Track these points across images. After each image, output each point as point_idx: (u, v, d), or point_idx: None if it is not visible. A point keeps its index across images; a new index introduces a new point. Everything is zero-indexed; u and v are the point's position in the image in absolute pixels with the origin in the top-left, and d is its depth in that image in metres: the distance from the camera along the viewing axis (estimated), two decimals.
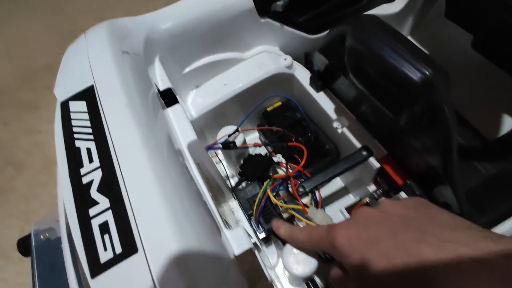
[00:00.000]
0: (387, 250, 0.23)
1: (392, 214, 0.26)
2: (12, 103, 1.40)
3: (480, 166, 0.49)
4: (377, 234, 0.25)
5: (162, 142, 0.30)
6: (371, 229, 0.25)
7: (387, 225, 0.25)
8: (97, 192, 0.24)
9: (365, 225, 0.26)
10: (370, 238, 0.25)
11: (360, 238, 0.25)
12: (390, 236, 0.24)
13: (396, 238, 0.24)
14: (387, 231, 0.25)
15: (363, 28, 0.35)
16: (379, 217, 0.27)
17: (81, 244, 0.22)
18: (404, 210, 0.26)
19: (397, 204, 0.27)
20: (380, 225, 0.26)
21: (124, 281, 0.20)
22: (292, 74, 0.53)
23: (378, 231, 0.25)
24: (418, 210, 0.26)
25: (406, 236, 0.23)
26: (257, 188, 0.45)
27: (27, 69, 1.48)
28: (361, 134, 0.46)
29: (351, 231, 0.26)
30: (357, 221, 0.27)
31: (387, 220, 0.26)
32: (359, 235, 0.26)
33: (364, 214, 0.28)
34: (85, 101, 0.29)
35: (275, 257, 0.47)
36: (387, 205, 0.28)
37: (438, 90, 0.30)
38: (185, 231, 0.23)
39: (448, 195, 0.37)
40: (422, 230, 0.23)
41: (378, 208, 0.28)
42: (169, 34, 0.44)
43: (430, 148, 0.35)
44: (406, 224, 0.25)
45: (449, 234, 0.22)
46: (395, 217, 0.26)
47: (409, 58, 0.30)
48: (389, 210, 0.27)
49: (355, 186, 0.51)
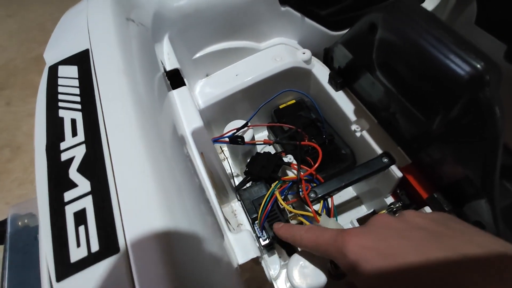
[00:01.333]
0: (411, 269, 0.19)
1: (418, 227, 0.22)
2: (20, 85, 1.39)
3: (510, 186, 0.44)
4: (399, 248, 0.20)
5: (163, 124, 0.26)
6: (391, 241, 0.21)
7: (412, 238, 0.21)
8: (77, 172, 0.19)
9: (385, 236, 0.22)
10: (390, 252, 0.20)
11: (377, 251, 0.21)
12: (417, 253, 0.19)
13: (422, 256, 0.19)
14: (412, 246, 0.20)
15: (398, 13, 0.30)
16: (403, 228, 0.22)
17: (49, 236, 0.17)
18: (432, 224, 0.22)
19: (423, 216, 0.23)
20: (403, 238, 0.21)
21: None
22: (310, 70, 0.49)
23: (401, 245, 0.20)
24: (449, 226, 0.22)
25: (437, 255, 0.19)
26: (264, 190, 0.41)
27: (38, 53, 1.48)
28: (382, 139, 0.42)
29: (366, 240, 0.22)
30: (374, 230, 0.23)
31: (412, 232, 0.21)
32: (377, 246, 0.21)
33: (383, 223, 0.23)
34: (77, 66, 0.25)
35: (277, 268, 0.42)
36: (412, 216, 0.23)
37: (489, 87, 0.25)
38: (182, 231, 0.18)
39: (483, 213, 0.32)
40: (454, 247, 0.19)
41: (401, 218, 0.23)
42: (181, 13, 0.40)
43: (468, 156, 0.30)
44: (435, 239, 0.20)
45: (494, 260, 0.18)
46: (421, 231, 0.21)
47: (456, 49, 0.26)
48: (415, 221, 0.23)
49: (370, 196, 0.47)
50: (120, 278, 0.15)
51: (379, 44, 0.34)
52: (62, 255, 0.16)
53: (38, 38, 1.54)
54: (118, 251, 0.16)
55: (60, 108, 0.23)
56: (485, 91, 0.25)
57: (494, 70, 0.25)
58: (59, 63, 0.26)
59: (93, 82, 0.23)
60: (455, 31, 0.28)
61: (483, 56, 0.25)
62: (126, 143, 0.20)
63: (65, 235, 0.17)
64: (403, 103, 0.35)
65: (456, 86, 0.27)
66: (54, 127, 0.22)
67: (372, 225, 0.23)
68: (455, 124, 0.30)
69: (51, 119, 0.22)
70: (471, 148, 0.29)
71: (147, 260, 0.15)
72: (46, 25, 1.58)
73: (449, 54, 0.26)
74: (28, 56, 1.48)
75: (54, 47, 0.28)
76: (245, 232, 0.26)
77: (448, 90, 0.28)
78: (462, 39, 0.27)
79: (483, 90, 0.25)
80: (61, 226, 0.17)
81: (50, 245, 0.17)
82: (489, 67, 0.25)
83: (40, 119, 0.22)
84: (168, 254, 0.16)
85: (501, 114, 0.25)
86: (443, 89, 0.29)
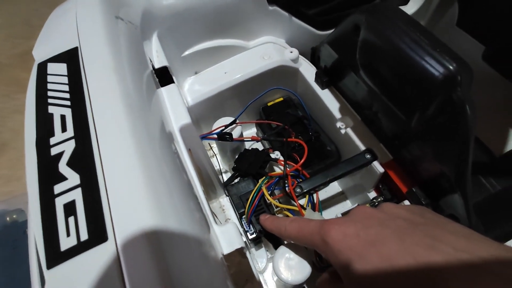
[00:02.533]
0: (391, 254, 0.20)
1: (396, 217, 0.23)
2: (5, 81, 1.36)
3: (486, 182, 0.47)
4: (379, 235, 0.21)
5: (152, 121, 0.26)
6: (372, 229, 0.22)
7: (391, 226, 0.22)
8: (67, 166, 0.20)
9: (365, 225, 0.23)
10: (370, 239, 0.21)
11: (358, 238, 0.22)
12: (395, 239, 0.21)
13: (402, 242, 0.20)
14: (392, 234, 0.21)
15: (380, 16, 0.32)
16: (382, 218, 0.23)
17: (39, 227, 0.18)
18: (409, 214, 0.23)
19: (401, 208, 0.24)
20: (383, 226, 0.22)
21: (87, 277, 0.16)
22: (297, 69, 0.51)
23: (381, 232, 0.22)
24: (425, 216, 0.23)
25: (414, 240, 0.20)
26: (251, 185, 0.42)
27: (24, 48, 1.44)
28: (365, 136, 0.43)
29: (348, 228, 0.23)
30: (356, 219, 0.24)
31: (391, 221, 0.23)
32: (358, 234, 0.22)
33: (364, 213, 0.24)
34: (66, 63, 0.25)
35: (264, 261, 0.43)
36: (391, 207, 0.25)
37: (461, 88, 0.27)
38: (168, 221, 0.19)
39: (457, 206, 0.34)
40: (433, 236, 0.20)
41: (380, 209, 0.25)
42: (170, 11, 0.40)
43: (443, 153, 0.32)
44: (414, 228, 0.21)
45: (464, 243, 0.19)
46: (400, 220, 0.22)
47: (431, 51, 0.28)
48: (393, 212, 0.24)
49: (354, 191, 0.49)
50: (108, 265, 0.16)
51: (362, 45, 0.36)
52: (53, 244, 0.17)
53: (23, 34, 1.50)
54: (107, 240, 0.17)
55: (50, 105, 0.23)
56: (457, 91, 0.27)
57: (465, 71, 0.27)
58: (48, 60, 0.26)
59: (82, 80, 0.24)
60: (432, 34, 0.29)
61: (456, 58, 0.27)
62: (115, 138, 0.21)
63: (55, 225, 0.18)
64: (384, 102, 0.36)
65: (431, 86, 0.28)
66: (44, 122, 0.22)
67: (354, 215, 0.25)
68: (432, 122, 0.31)
69: (40, 115, 0.23)
70: (446, 145, 0.31)
71: (134, 248, 0.16)
72: (32, 20, 1.55)
73: (425, 56, 0.28)
74: (13, 52, 1.45)
75: (43, 44, 0.28)
76: (230, 225, 0.27)
77: (425, 90, 0.30)
78: (438, 42, 0.28)
79: (455, 90, 0.27)
80: (51, 217, 0.18)
81: (40, 235, 0.18)
82: (461, 69, 0.26)
83: (30, 115, 0.23)
84: (154, 241, 0.17)
85: (472, 113, 0.27)
86: (420, 89, 0.30)
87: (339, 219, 0.25)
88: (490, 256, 0.18)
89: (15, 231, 0.34)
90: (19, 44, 1.47)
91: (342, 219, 0.25)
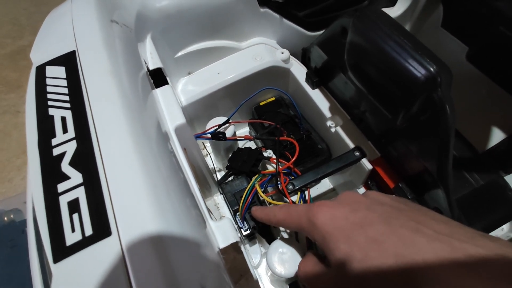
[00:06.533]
0: (377, 235, 0.21)
1: (382, 203, 0.24)
2: None
3: (470, 177, 0.49)
4: (367, 218, 0.22)
5: (149, 123, 0.27)
6: (359, 212, 0.23)
7: (378, 211, 0.23)
8: (69, 166, 0.21)
9: (353, 208, 0.24)
10: (358, 221, 0.22)
11: (346, 220, 0.23)
12: (382, 221, 0.22)
13: (388, 225, 0.21)
14: (378, 217, 0.22)
15: (366, 20, 0.33)
16: (368, 202, 0.24)
17: (45, 224, 0.19)
18: (394, 202, 0.25)
19: (386, 196, 0.26)
20: (370, 210, 0.23)
21: (92, 269, 0.17)
22: (288, 69, 0.52)
23: (368, 215, 0.23)
24: (408, 204, 0.24)
25: (400, 223, 0.21)
26: (245, 183, 0.44)
27: (13, 48, 1.42)
28: (354, 134, 0.45)
29: (336, 211, 0.24)
30: (343, 203, 0.25)
31: (378, 206, 0.24)
32: (346, 216, 0.23)
33: (351, 197, 0.25)
34: (64, 66, 0.26)
35: (258, 257, 0.45)
36: (376, 194, 0.26)
37: (441, 88, 0.28)
38: (167, 216, 0.20)
39: (440, 200, 0.36)
40: (417, 220, 0.21)
41: (366, 195, 0.26)
42: (163, 13, 0.41)
43: (426, 149, 0.34)
44: (399, 213, 0.23)
45: (445, 228, 0.21)
46: (386, 206, 0.24)
47: (414, 53, 0.29)
48: (378, 198, 0.25)
49: (345, 188, 0.50)
50: (113, 258, 0.17)
51: (350, 47, 0.37)
52: (58, 240, 0.18)
53: (12, 33, 1.48)
54: (111, 234, 0.18)
55: (50, 107, 0.24)
56: (438, 91, 0.29)
57: (445, 72, 0.28)
58: (47, 63, 0.27)
59: (80, 82, 0.25)
60: (415, 37, 0.31)
61: (436, 60, 0.29)
62: (114, 138, 0.22)
63: (60, 222, 0.19)
64: (371, 102, 0.38)
65: (414, 86, 0.30)
66: (45, 124, 0.23)
67: (341, 199, 0.25)
68: (415, 120, 0.33)
69: (41, 117, 0.23)
70: (428, 142, 0.33)
71: (136, 241, 0.17)
72: (20, 20, 1.53)
73: (408, 58, 0.29)
74: (2, 52, 1.43)
75: (40, 48, 0.29)
76: (225, 220, 0.28)
77: (408, 90, 0.31)
78: (420, 45, 0.30)
79: (436, 90, 0.29)
80: (56, 214, 0.19)
81: (46, 232, 0.18)
82: (441, 70, 0.28)
83: (31, 117, 0.24)
84: (155, 234, 0.18)
85: (451, 112, 0.29)
86: (404, 89, 0.32)
87: (327, 202, 0.25)
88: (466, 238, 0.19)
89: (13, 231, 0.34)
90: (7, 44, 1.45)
91: (330, 202, 0.25)
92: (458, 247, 0.19)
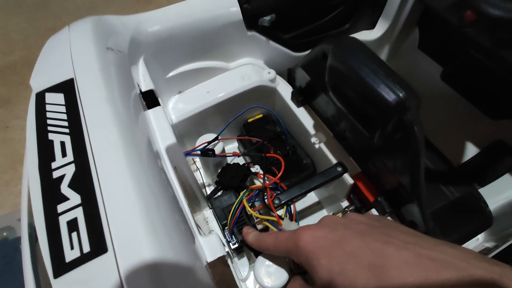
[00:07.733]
0: (353, 249, 0.24)
1: (358, 222, 0.28)
2: None
3: (446, 189, 0.52)
4: (344, 236, 0.26)
5: (141, 143, 0.29)
6: (338, 232, 0.26)
7: (354, 229, 0.26)
8: (68, 188, 0.23)
9: (332, 228, 0.27)
10: (336, 239, 0.25)
11: (326, 239, 0.26)
12: (358, 237, 0.25)
13: (363, 240, 0.25)
14: (354, 234, 0.26)
15: (344, 47, 0.36)
16: (346, 222, 0.28)
17: (45, 242, 0.20)
18: (369, 220, 0.28)
19: (363, 215, 0.29)
20: (347, 228, 0.26)
21: (90, 283, 0.19)
22: (275, 88, 0.55)
23: (345, 233, 0.26)
24: (381, 221, 0.28)
25: (373, 238, 0.25)
26: (233, 198, 0.45)
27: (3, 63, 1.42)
28: (337, 150, 0.47)
29: (317, 232, 0.27)
30: (323, 225, 0.28)
31: (354, 225, 0.27)
32: (326, 236, 0.26)
33: (331, 220, 0.29)
34: (63, 93, 0.28)
35: (246, 270, 0.46)
36: (354, 215, 0.29)
37: (410, 111, 0.31)
38: (159, 233, 0.22)
39: (415, 214, 0.38)
40: (388, 234, 0.25)
41: (345, 217, 0.29)
42: (155, 37, 0.44)
43: (400, 166, 0.36)
44: (372, 229, 0.26)
45: (412, 239, 0.24)
46: (361, 224, 0.27)
47: (386, 80, 0.32)
48: (355, 218, 0.28)
49: (329, 201, 0.52)
50: (109, 273, 0.19)
51: (329, 70, 0.40)
52: (58, 257, 0.20)
53: (2, 48, 1.47)
54: (107, 251, 0.20)
55: (50, 132, 0.26)
56: (407, 114, 0.32)
57: (413, 97, 0.31)
58: (46, 90, 0.29)
59: (79, 109, 0.26)
60: (387, 65, 0.34)
61: (405, 87, 0.32)
62: (110, 161, 0.24)
63: (60, 240, 0.20)
64: (351, 120, 0.41)
65: (387, 109, 0.33)
66: (45, 148, 0.25)
67: (322, 222, 0.29)
68: (390, 139, 0.36)
69: (41, 142, 0.25)
70: (401, 158, 0.36)
71: (130, 256, 0.19)
72: (11, 35, 1.53)
73: (381, 84, 0.32)
74: None
75: (39, 75, 0.31)
76: (213, 235, 0.30)
77: (382, 112, 0.34)
78: (391, 72, 0.33)
79: (405, 113, 0.32)
80: (56, 233, 0.20)
81: (47, 249, 0.20)
82: (409, 96, 0.31)
83: (31, 141, 0.25)
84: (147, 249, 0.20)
85: (419, 132, 0.32)
86: (378, 111, 0.35)
87: (310, 226, 0.28)
88: (430, 245, 0.23)
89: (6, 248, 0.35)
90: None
91: (312, 225, 0.29)
92: (422, 254, 0.22)
